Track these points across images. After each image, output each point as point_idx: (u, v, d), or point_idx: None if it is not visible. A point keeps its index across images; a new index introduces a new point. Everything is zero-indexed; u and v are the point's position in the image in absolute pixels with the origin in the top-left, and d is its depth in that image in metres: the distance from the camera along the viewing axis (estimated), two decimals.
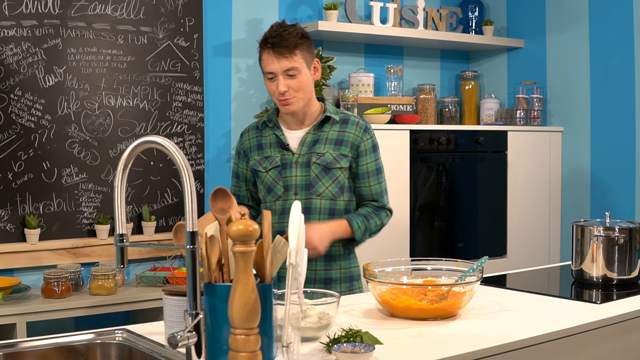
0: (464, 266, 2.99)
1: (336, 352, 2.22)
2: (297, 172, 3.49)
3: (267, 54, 3.40)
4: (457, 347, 2.41)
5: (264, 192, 3.56)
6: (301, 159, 3.50)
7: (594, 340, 2.83)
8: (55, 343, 2.50)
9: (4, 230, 4.58)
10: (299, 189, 3.48)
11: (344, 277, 3.57)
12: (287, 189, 3.50)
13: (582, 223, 3.54)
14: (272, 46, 3.38)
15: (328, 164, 3.48)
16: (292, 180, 3.49)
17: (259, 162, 3.56)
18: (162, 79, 5.05)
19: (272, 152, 3.54)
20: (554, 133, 6.00)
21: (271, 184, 3.53)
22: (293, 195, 3.48)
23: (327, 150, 3.49)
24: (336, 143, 3.51)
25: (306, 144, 3.51)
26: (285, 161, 3.51)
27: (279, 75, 3.38)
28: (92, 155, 4.83)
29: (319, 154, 3.49)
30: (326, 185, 3.48)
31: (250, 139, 3.63)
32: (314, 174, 3.48)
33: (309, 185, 3.48)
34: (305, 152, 3.50)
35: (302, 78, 3.42)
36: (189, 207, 2.05)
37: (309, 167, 3.48)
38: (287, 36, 3.39)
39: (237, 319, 1.97)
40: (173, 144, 2.09)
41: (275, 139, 3.56)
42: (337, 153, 3.49)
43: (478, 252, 5.59)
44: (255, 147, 3.60)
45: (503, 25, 6.43)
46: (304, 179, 3.48)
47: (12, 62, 4.56)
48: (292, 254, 2.13)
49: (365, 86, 5.62)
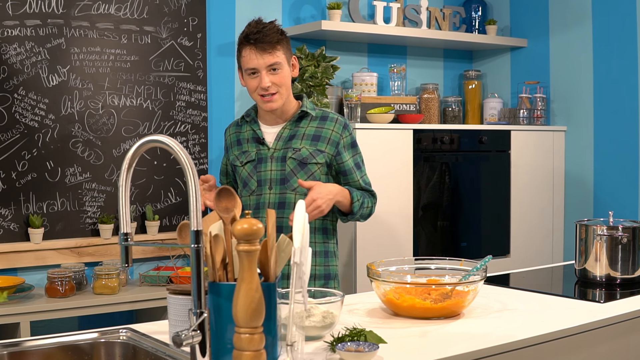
0: (468, 265, 2.99)
1: (340, 351, 2.22)
2: (272, 166, 3.52)
3: (248, 50, 3.43)
4: (461, 346, 2.41)
5: (240, 187, 3.61)
6: (277, 154, 3.53)
7: (597, 340, 2.83)
8: (59, 342, 2.51)
9: (7, 230, 4.58)
10: (273, 183, 3.51)
11: (319, 275, 3.57)
12: (261, 184, 3.52)
13: (586, 222, 3.54)
14: (255, 42, 3.41)
15: (304, 159, 3.51)
16: (266, 175, 3.52)
17: (237, 156, 3.62)
18: (166, 78, 5.06)
19: (249, 147, 3.59)
20: (557, 132, 5.99)
21: (246, 178, 3.57)
22: (267, 190, 3.51)
23: (304, 145, 3.52)
24: (313, 139, 3.54)
25: (282, 139, 3.54)
26: (261, 156, 3.55)
27: (262, 71, 3.42)
28: (96, 155, 4.83)
29: (295, 149, 3.51)
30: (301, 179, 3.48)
31: (231, 134, 3.70)
32: (289, 168, 3.51)
33: (284, 180, 3.51)
34: (281, 147, 3.53)
35: (283, 73, 3.47)
36: (193, 206, 2.05)
37: (284, 162, 3.51)
38: (269, 32, 3.44)
39: (242, 317, 1.97)
40: (177, 143, 2.09)
41: (252, 134, 3.60)
42: (314, 149, 3.52)
43: (481, 252, 5.59)
44: (235, 142, 3.66)
45: (506, 25, 6.42)
46: (279, 174, 3.51)
47: (16, 62, 4.57)
48: (297, 253, 2.13)
49: (368, 86, 5.62)
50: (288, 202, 3.50)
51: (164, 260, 5.06)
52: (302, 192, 3.49)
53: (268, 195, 3.51)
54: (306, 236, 2.18)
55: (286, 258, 2.28)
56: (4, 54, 4.53)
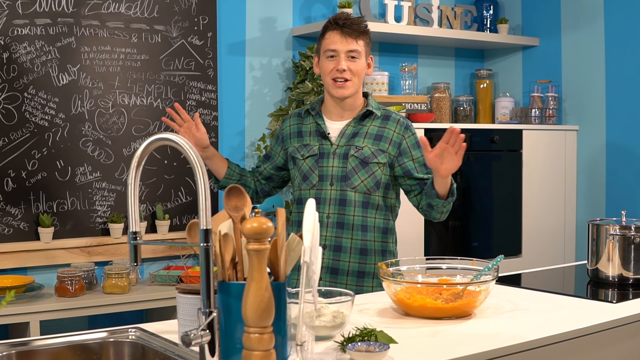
0: (479, 265, 2.98)
1: (350, 351, 2.21)
2: (334, 162, 3.52)
3: (333, 33, 3.50)
4: (472, 346, 2.39)
5: (299, 180, 3.58)
6: (339, 150, 3.52)
7: (609, 340, 2.81)
8: (69, 341, 2.50)
9: (17, 229, 4.58)
10: (334, 179, 3.50)
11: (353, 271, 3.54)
12: (322, 179, 3.52)
13: (598, 222, 3.52)
14: (342, 26, 3.47)
15: (366, 158, 3.50)
16: (328, 171, 3.52)
17: (297, 149, 3.61)
18: (176, 77, 5.05)
19: (311, 140, 3.59)
20: (569, 132, 5.97)
21: (307, 172, 3.55)
22: (329, 186, 3.50)
23: (366, 144, 3.52)
24: (375, 138, 3.54)
25: (345, 136, 3.54)
26: (323, 150, 3.54)
27: (341, 54, 3.47)
28: (106, 154, 4.83)
29: (357, 147, 3.51)
30: (362, 178, 3.50)
31: (291, 125, 3.69)
32: (350, 166, 3.50)
33: (345, 177, 3.50)
34: (344, 144, 3.53)
35: (360, 64, 3.51)
36: (203, 205, 2.04)
37: (346, 159, 3.51)
38: (357, 21, 3.52)
39: (251, 317, 1.96)
40: (187, 141, 2.08)
41: (315, 127, 3.60)
42: (376, 148, 3.52)
43: (493, 251, 5.57)
44: (295, 134, 3.65)
45: (518, 24, 6.40)
46: (341, 170, 3.51)
47: (26, 61, 4.56)
48: (307, 252, 2.12)
49: (379, 85, 5.61)
50: (348, 199, 3.49)
51: (174, 259, 5.06)
52: (362, 190, 3.50)
53: (329, 192, 3.51)
54: (316, 235, 2.17)
55: (296, 257, 2.27)
56: (14, 53, 4.52)
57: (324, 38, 3.53)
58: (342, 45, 3.46)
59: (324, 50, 3.51)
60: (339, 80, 3.47)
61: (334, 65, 3.47)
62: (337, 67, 3.46)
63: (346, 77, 3.46)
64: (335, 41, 3.47)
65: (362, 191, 3.50)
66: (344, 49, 3.46)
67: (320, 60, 3.57)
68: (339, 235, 3.49)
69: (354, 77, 3.48)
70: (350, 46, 3.46)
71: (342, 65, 3.45)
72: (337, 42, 3.47)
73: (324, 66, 3.52)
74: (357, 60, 3.49)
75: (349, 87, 3.49)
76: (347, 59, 3.46)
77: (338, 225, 3.49)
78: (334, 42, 3.47)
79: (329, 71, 3.49)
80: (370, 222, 3.53)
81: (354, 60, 3.48)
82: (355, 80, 3.49)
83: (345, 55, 3.46)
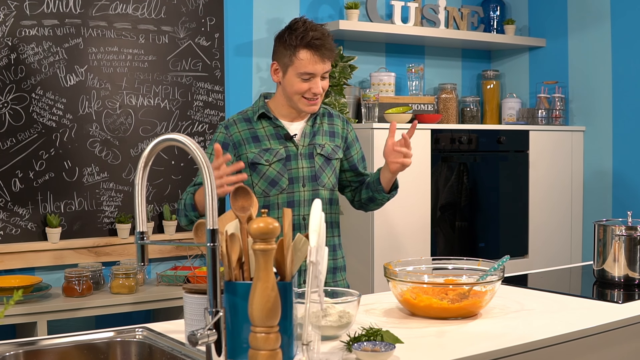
0: (485, 265, 2.98)
1: (356, 351, 2.21)
2: (302, 163, 3.48)
3: (309, 54, 3.36)
4: (479, 346, 2.40)
5: (264, 186, 3.45)
6: (304, 151, 3.49)
7: (615, 340, 2.81)
8: (76, 341, 2.51)
9: (25, 229, 4.59)
10: (306, 180, 3.47)
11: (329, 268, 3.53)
12: (293, 181, 3.46)
13: (604, 222, 3.52)
14: (318, 48, 3.36)
15: (329, 155, 3.53)
16: (298, 172, 3.47)
17: (259, 154, 3.44)
18: (183, 78, 5.06)
19: (272, 144, 3.46)
20: (575, 133, 5.97)
21: (275, 177, 3.44)
22: (301, 187, 3.46)
23: (326, 141, 3.54)
24: (330, 135, 3.57)
25: (307, 135, 3.52)
26: (289, 153, 3.47)
27: (317, 77, 3.39)
28: (114, 155, 4.84)
29: (320, 145, 3.52)
30: (328, 175, 3.52)
31: (241, 131, 3.49)
32: (317, 165, 3.49)
33: (315, 177, 3.49)
34: (307, 144, 3.50)
35: (328, 80, 3.48)
36: (210, 205, 2.05)
37: (312, 159, 3.49)
38: (330, 39, 3.42)
39: (258, 317, 1.97)
40: (194, 142, 2.09)
41: (273, 130, 3.49)
42: (333, 144, 3.56)
43: (499, 252, 5.57)
44: (249, 139, 3.47)
45: (525, 25, 6.40)
46: (310, 170, 3.48)
47: (34, 62, 4.58)
48: (313, 252, 2.13)
49: (386, 85, 5.61)
50: (322, 198, 3.48)
51: (182, 260, 5.07)
52: (328, 187, 3.52)
53: (302, 193, 3.47)
54: (322, 235, 2.17)
55: (302, 257, 2.27)
56: (21, 54, 4.54)
57: (296, 57, 3.36)
58: (320, 67, 3.37)
59: (299, 71, 3.37)
60: (312, 99, 3.41)
61: (309, 87, 3.38)
62: (313, 89, 3.38)
63: (319, 96, 3.43)
64: (313, 63, 3.35)
65: (328, 188, 3.52)
66: (322, 70, 3.38)
67: (288, 76, 3.41)
68: None
69: (323, 93, 3.45)
70: (327, 68, 3.40)
71: (319, 88, 3.39)
72: (315, 64, 3.35)
73: (297, 86, 3.39)
74: (327, 78, 3.45)
75: (319, 104, 3.46)
76: (321, 80, 3.40)
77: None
78: (311, 65, 3.35)
79: (302, 91, 3.39)
80: (334, 219, 3.58)
81: (325, 78, 3.43)
82: (323, 95, 3.46)
83: (320, 77, 3.39)
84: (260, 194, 3.46)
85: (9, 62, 4.51)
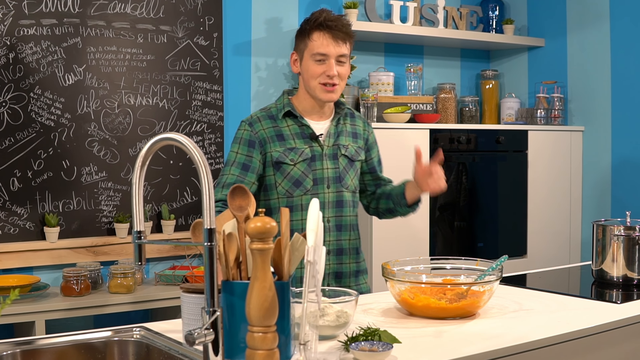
0: (484, 265, 2.98)
1: (354, 351, 2.21)
2: (327, 164, 3.42)
3: (322, 36, 3.34)
4: (476, 346, 2.39)
5: (288, 186, 3.38)
6: (328, 151, 3.43)
7: (614, 340, 2.81)
8: (73, 340, 2.50)
9: (23, 229, 4.59)
10: (330, 181, 3.42)
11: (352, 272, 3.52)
12: (317, 182, 3.40)
13: (603, 222, 3.52)
14: (331, 29, 3.33)
15: (352, 156, 3.48)
16: (323, 173, 3.41)
17: (284, 153, 3.38)
18: (182, 77, 5.06)
19: (297, 143, 3.40)
20: (574, 132, 5.97)
21: (299, 177, 3.38)
22: (326, 189, 3.40)
23: (349, 142, 3.49)
24: (353, 136, 3.53)
25: (332, 136, 3.46)
26: (314, 153, 3.41)
27: (332, 59, 3.34)
28: (112, 154, 4.84)
29: (344, 146, 3.47)
30: (351, 177, 3.48)
31: (265, 128, 3.41)
32: (341, 166, 3.45)
33: (339, 178, 3.44)
34: (332, 144, 3.45)
35: (347, 68, 3.41)
36: (207, 204, 2.04)
37: (336, 159, 3.44)
38: (345, 23, 3.39)
39: (255, 316, 1.97)
40: (191, 141, 2.08)
41: (297, 129, 3.43)
42: (356, 146, 3.52)
43: (498, 252, 5.56)
44: (274, 137, 3.40)
45: (524, 24, 6.40)
46: (334, 172, 3.43)
47: (32, 61, 4.57)
48: (310, 252, 2.12)
49: (385, 85, 5.61)
50: (345, 200, 3.45)
51: (180, 259, 5.07)
52: (351, 189, 3.48)
53: (326, 195, 3.41)
54: (320, 234, 2.17)
55: (300, 257, 2.26)
56: (20, 53, 4.53)
57: (310, 39, 3.36)
58: (334, 49, 3.33)
59: (312, 53, 3.35)
60: (328, 85, 3.36)
61: (324, 70, 3.34)
62: (327, 72, 3.33)
63: (335, 82, 3.35)
64: (325, 44, 3.33)
65: (351, 190, 3.49)
66: (335, 53, 3.33)
67: (304, 62, 3.40)
68: (339, 238, 3.46)
69: (342, 81, 3.38)
70: (341, 50, 3.34)
71: (334, 70, 3.33)
72: (328, 45, 3.33)
73: (312, 69, 3.36)
74: (345, 65, 3.39)
75: (337, 92, 3.38)
76: (336, 64, 3.35)
77: (337, 227, 3.44)
78: (324, 46, 3.33)
79: (317, 75, 3.35)
80: (355, 221, 3.55)
81: (342, 65, 3.37)
82: (342, 84, 3.39)
83: (335, 59, 3.34)
84: (283, 194, 3.40)
85: (7, 62, 4.50)
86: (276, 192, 3.41)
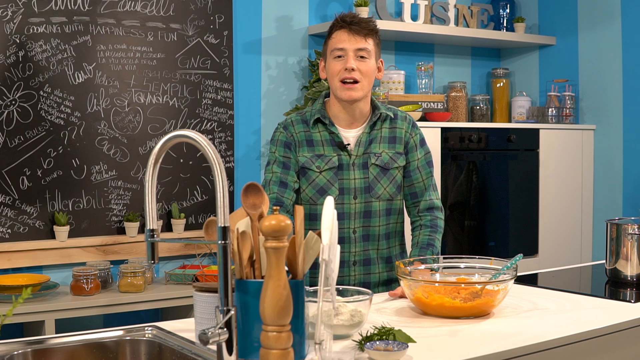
0: (497, 264, 2.95)
1: (369, 350, 2.19)
2: (355, 174, 3.32)
3: (340, 32, 3.27)
4: (492, 345, 2.38)
5: (312, 193, 3.32)
6: (358, 161, 3.32)
7: (629, 340, 2.79)
8: (84, 340, 2.49)
9: (33, 227, 4.58)
10: (358, 192, 3.31)
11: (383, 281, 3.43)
12: (344, 192, 3.30)
13: (617, 221, 3.50)
14: (349, 24, 3.26)
15: (386, 164, 3.34)
16: (350, 184, 3.31)
17: (311, 160, 3.32)
18: (192, 76, 5.04)
19: (326, 150, 3.32)
20: (586, 131, 5.95)
21: (324, 186, 3.31)
22: (352, 199, 3.30)
23: (383, 149, 3.35)
24: (389, 141, 3.38)
25: (362, 144, 3.34)
26: (342, 162, 3.32)
27: (350, 53, 3.24)
28: (122, 153, 4.82)
29: (375, 154, 3.34)
30: (384, 186, 3.34)
31: (298, 132, 3.36)
32: (372, 175, 3.33)
33: (368, 188, 3.32)
34: (361, 153, 3.33)
35: (369, 65, 3.28)
36: (221, 202, 2.02)
37: (366, 169, 3.32)
38: (365, 20, 3.30)
39: (269, 315, 1.95)
40: (205, 138, 2.06)
41: (328, 136, 3.34)
42: (393, 152, 3.37)
43: (509, 251, 5.55)
44: (304, 142, 3.35)
45: (534, 23, 6.38)
46: (363, 182, 3.32)
47: (42, 59, 4.56)
48: (325, 250, 2.10)
49: (395, 83, 5.59)
50: (373, 210, 3.34)
51: (190, 258, 5.05)
52: (385, 198, 3.35)
53: (353, 205, 3.31)
54: (335, 233, 2.15)
55: (314, 255, 2.24)
56: (29, 51, 4.52)
57: (330, 38, 3.30)
58: (350, 43, 3.24)
59: (331, 50, 3.28)
60: (347, 81, 3.23)
61: (342, 65, 3.24)
62: (345, 66, 3.23)
63: (355, 77, 3.23)
64: (342, 39, 3.24)
65: (385, 199, 3.35)
66: (352, 47, 3.23)
67: (327, 64, 3.33)
68: (366, 249, 3.35)
69: (364, 79, 3.25)
70: (359, 44, 3.24)
71: (351, 63, 3.22)
72: (345, 40, 3.24)
73: (331, 67, 3.28)
74: (367, 61, 3.26)
75: (358, 90, 3.25)
76: (356, 59, 3.24)
77: (364, 238, 3.34)
78: (341, 41, 3.24)
79: (336, 72, 3.26)
80: (392, 229, 3.41)
81: (364, 61, 3.25)
82: (364, 82, 3.26)
83: (353, 54, 3.24)
84: (307, 200, 3.35)
85: (17, 60, 4.49)
86: (300, 197, 3.36)
